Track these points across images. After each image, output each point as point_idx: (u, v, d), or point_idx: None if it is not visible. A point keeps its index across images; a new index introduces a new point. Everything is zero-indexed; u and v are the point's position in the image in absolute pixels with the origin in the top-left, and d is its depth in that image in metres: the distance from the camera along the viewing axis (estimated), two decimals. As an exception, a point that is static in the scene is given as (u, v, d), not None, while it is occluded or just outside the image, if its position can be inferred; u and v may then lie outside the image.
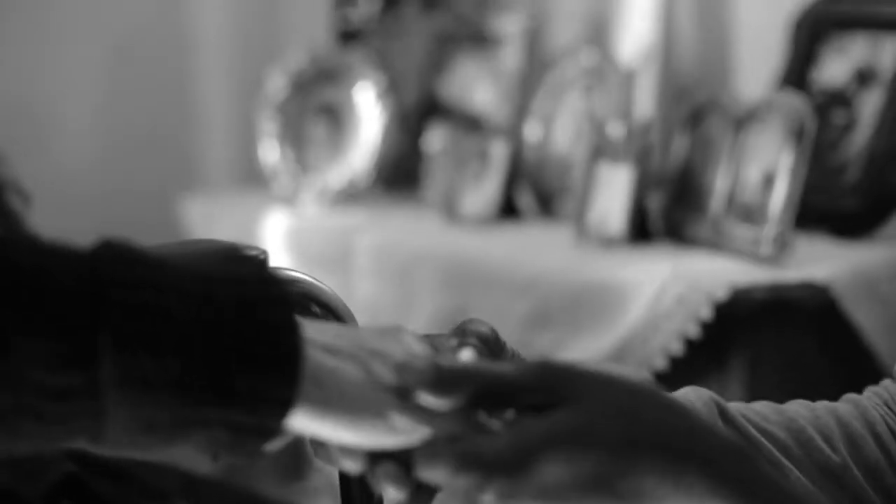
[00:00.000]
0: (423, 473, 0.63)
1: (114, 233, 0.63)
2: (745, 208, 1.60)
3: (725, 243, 1.61)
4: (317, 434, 0.64)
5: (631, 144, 1.69)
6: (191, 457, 0.62)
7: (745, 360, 1.51)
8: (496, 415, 0.66)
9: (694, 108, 1.72)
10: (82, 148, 2.37)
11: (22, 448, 0.61)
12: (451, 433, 0.64)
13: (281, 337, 0.62)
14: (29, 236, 0.61)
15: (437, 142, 2.07)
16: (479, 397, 0.65)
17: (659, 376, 1.54)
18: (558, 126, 1.97)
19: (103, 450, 0.62)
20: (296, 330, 0.62)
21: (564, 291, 1.61)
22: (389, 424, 0.64)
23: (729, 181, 1.63)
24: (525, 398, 0.65)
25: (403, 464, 0.65)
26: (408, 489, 0.65)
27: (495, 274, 1.68)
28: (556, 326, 1.62)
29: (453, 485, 0.63)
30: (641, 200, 1.69)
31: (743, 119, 1.63)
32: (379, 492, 0.67)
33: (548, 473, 0.62)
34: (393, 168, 2.11)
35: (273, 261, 0.66)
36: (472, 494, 0.63)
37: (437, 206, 2.01)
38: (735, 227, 1.61)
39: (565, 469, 0.63)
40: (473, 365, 0.67)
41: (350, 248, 1.85)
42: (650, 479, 0.64)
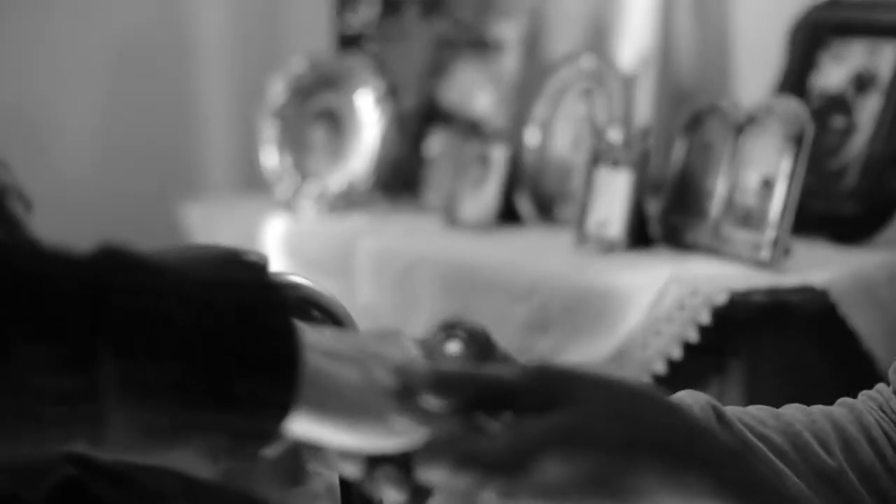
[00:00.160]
0: (422, 475, 0.63)
1: (114, 238, 0.63)
2: (744, 213, 1.61)
3: (725, 248, 1.61)
4: (317, 438, 0.65)
5: (630, 150, 1.69)
6: (191, 461, 0.63)
7: (745, 365, 1.52)
8: (495, 417, 0.66)
9: (693, 113, 1.72)
10: (83, 153, 2.37)
11: (22, 451, 0.62)
12: (450, 435, 0.64)
13: (280, 342, 0.62)
14: (30, 241, 0.61)
15: (436, 147, 2.07)
16: (477, 399, 0.65)
17: (658, 381, 1.54)
18: (558, 131, 1.97)
19: (103, 453, 0.62)
20: (294, 334, 0.63)
21: (564, 296, 1.62)
22: (389, 427, 0.65)
23: (728, 186, 1.64)
24: (524, 400, 0.65)
25: (402, 466, 0.65)
26: (408, 491, 0.65)
27: (495, 279, 1.68)
28: (555, 331, 1.63)
29: (453, 485, 0.63)
30: (641, 205, 1.70)
31: (742, 124, 1.63)
32: (378, 496, 0.67)
33: (547, 473, 0.63)
34: (393, 173, 2.11)
35: (273, 266, 0.66)
36: (472, 494, 0.63)
37: (436, 211, 2.01)
38: (734, 231, 1.61)
39: (564, 469, 0.63)
40: (472, 368, 0.67)
41: (350, 252, 1.85)
42: (649, 479, 0.64)
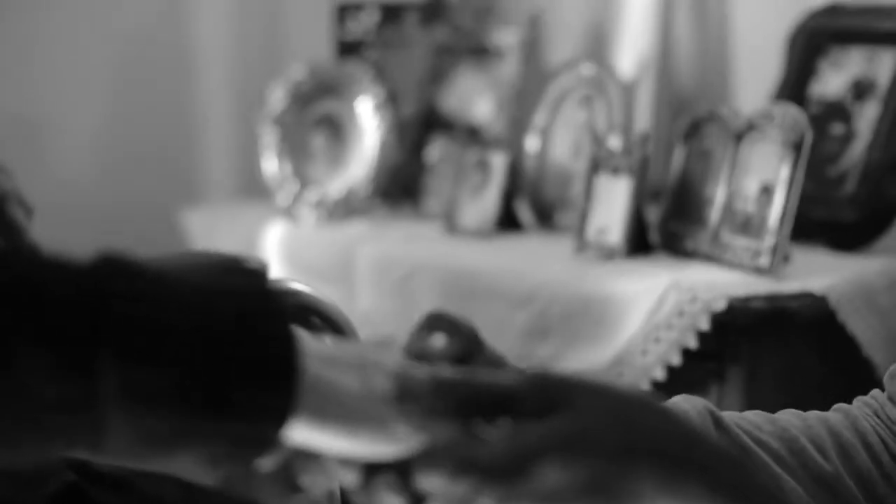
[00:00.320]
0: (421, 482, 0.64)
1: (114, 245, 0.64)
2: (743, 220, 1.61)
3: (724, 255, 1.62)
4: (316, 445, 0.65)
5: (630, 157, 1.69)
6: (190, 467, 0.63)
7: (744, 372, 1.52)
8: (493, 423, 0.66)
9: (693, 120, 1.72)
10: (83, 160, 2.37)
11: (23, 457, 0.62)
12: (448, 441, 0.65)
13: (279, 349, 0.63)
14: (30, 248, 0.61)
15: (436, 153, 2.07)
16: (476, 405, 0.65)
17: (658, 387, 1.54)
18: (557, 138, 1.97)
19: (103, 459, 0.62)
20: (293, 342, 0.63)
21: (564, 303, 1.62)
22: (388, 434, 0.65)
23: (727, 193, 1.64)
24: (522, 406, 0.65)
25: (401, 473, 0.65)
26: (407, 498, 0.65)
27: (495, 285, 1.69)
28: (555, 337, 1.63)
29: (451, 492, 0.63)
30: (641, 212, 1.70)
31: (741, 131, 1.63)
32: (378, 503, 0.67)
33: (545, 479, 0.63)
34: (393, 180, 2.12)
35: (273, 272, 0.67)
36: (470, 501, 0.63)
37: (436, 218, 2.01)
38: (734, 238, 1.61)
39: (562, 474, 0.63)
40: (471, 374, 0.67)
41: (350, 259, 1.85)
42: (647, 485, 0.64)
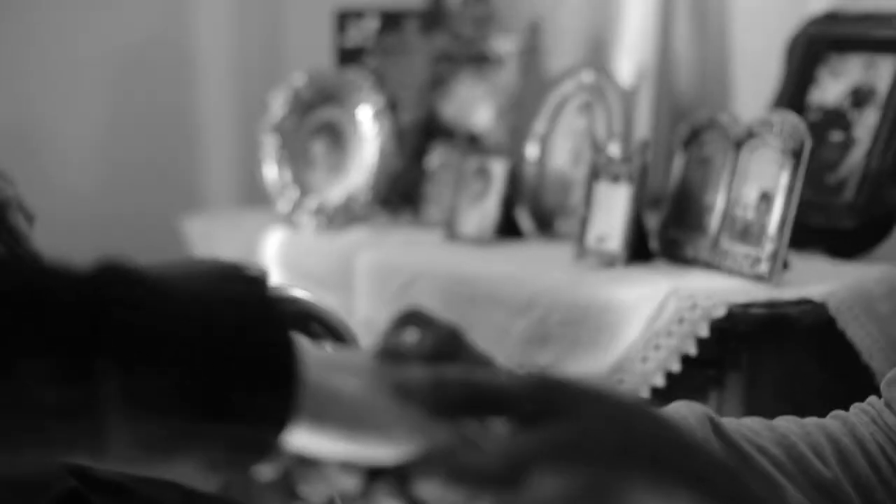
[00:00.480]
0: (418, 488, 0.64)
1: (115, 252, 0.64)
2: (743, 227, 1.61)
3: (724, 262, 1.62)
4: (316, 451, 0.65)
5: (630, 164, 1.70)
6: (190, 473, 0.63)
7: (744, 378, 1.52)
8: (489, 422, 0.66)
9: (692, 127, 1.72)
10: (84, 167, 2.38)
11: (24, 464, 0.62)
12: (444, 448, 0.65)
13: (278, 356, 0.63)
14: (32, 256, 0.62)
15: (436, 161, 2.07)
16: (472, 404, 0.66)
17: (658, 394, 1.55)
18: (557, 145, 1.98)
19: (104, 465, 0.62)
20: (292, 349, 0.63)
21: (564, 310, 1.62)
22: (388, 439, 0.65)
23: (727, 200, 1.64)
24: (518, 407, 0.65)
25: (400, 479, 0.65)
26: None
27: (495, 292, 1.69)
28: (555, 344, 1.63)
29: (448, 499, 0.63)
30: (640, 219, 1.70)
31: (741, 139, 1.64)
32: None
33: (540, 487, 0.63)
34: (393, 187, 2.12)
35: (273, 279, 0.67)
36: None
37: (436, 225, 2.02)
38: (733, 245, 1.61)
39: (558, 483, 0.63)
40: (469, 373, 0.68)
41: (350, 266, 1.85)
42: (642, 494, 0.64)
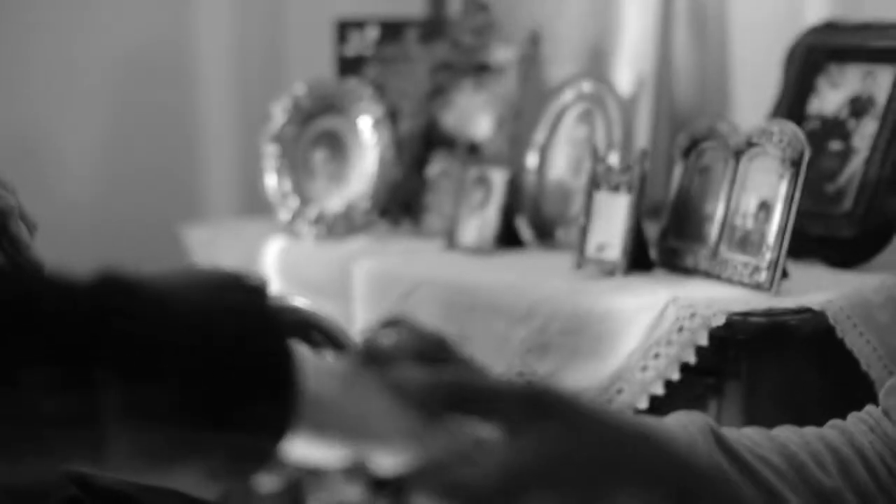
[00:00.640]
0: (414, 502, 0.64)
1: (117, 262, 0.64)
2: (742, 237, 1.61)
3: (723, 272, 1.62)
4: (316, 461, 0.65)
5: (629, 173, 1.70)
6: (191, 481, 0.63)
7: (743, 387, 1.52)
8: (480, 425, 0.67)
9: (692, 137, 1.73)
10: (85, 176, 2.38)
11: (24, 472, 0.62)
12: (440, 462, 0.65)
13: (277, 365, 0.63)
14: (33, 265, 0.62)
15: (436, 170, 2.08)
16: (464, 403, 0.66)
17: (657, 402, 1.55)
18: (557, 155, 1.98)
19: (104, 473, 0.63)
20: (291, 358, 0.64)
21: (564, 319, 1.62)
22: (387, 449, 0.65)
23: (726, 210, 1.65)
24: (509, 411, 0.66)
25: (399, 490, 0.66)
26: None
27: (495, 302, 1.69)
28: (555, 353, 1.63)
29: None
30: (640, 229, 1.70)
31: (740, 148, 1.64)
32: None
33: (533, 502, 0.64)
34: (393, 196, 2.12)
35: (273, 288, 0.67)
36: None
37: (437, 235, 2.02)
38: (732, 255, 1.62)
39: (551, 500, 0.64)
40: (462, 373, 0.68)
41: (350, 275, 1.86)
42: None
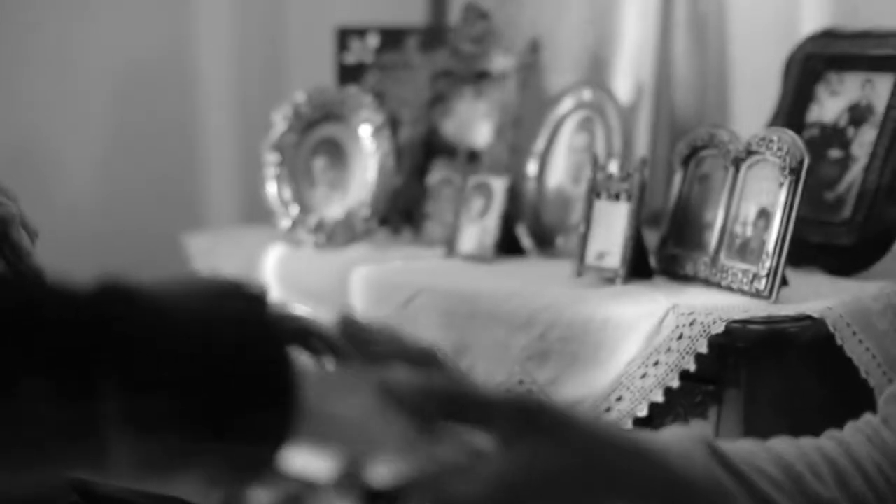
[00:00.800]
0: None
1: (119, 270, 0.64)
2: (741, 244, 1.62)
3: (723, 279, 1.62)
4: (315, 471, 0.66)
5: (629, 181, 1.70)
6: (191, 489, 0.64)
7: (743, 394, 1.52)
8: (473, 434, 0.67)
9: (691, 144, 1.73)
10: (88, 186, 2.38)
11: (25, 480, 0.63)
12: (433, 474, 0.65)
13: (276, 374, 0.64)
14: (34, 273, 0.62)
15: (436, 178, 2.08)
16: (457, 410, 0.66)
17: (657, 410, 1.55)
18: (557, 163, 1.99)
19: (105, 480, 0.63)
20: (291, 367, 0.64)
21: (564, 327, 1.63)
22: (385, 459, 0.66)
23: (726, 217, 1.65)
24: (501, 420, 0.66)
25: (392, 502, 0.66)
26: None
27: (495, 309, 1.69)
28: (555, 361, 1.63)
29: None
30: (640, 237, 1.71)
31: (740, 156, 1.64)
32: None
33: None
34: (393, 204, 2.13)
35: (273, 296, 0.67)
36: None
37: (437, 242, 2.02)
38: (732, 262, 1.62)
39: None
40: (459, 383, 0.68)
41: (350, 283, 1.86)
42: None
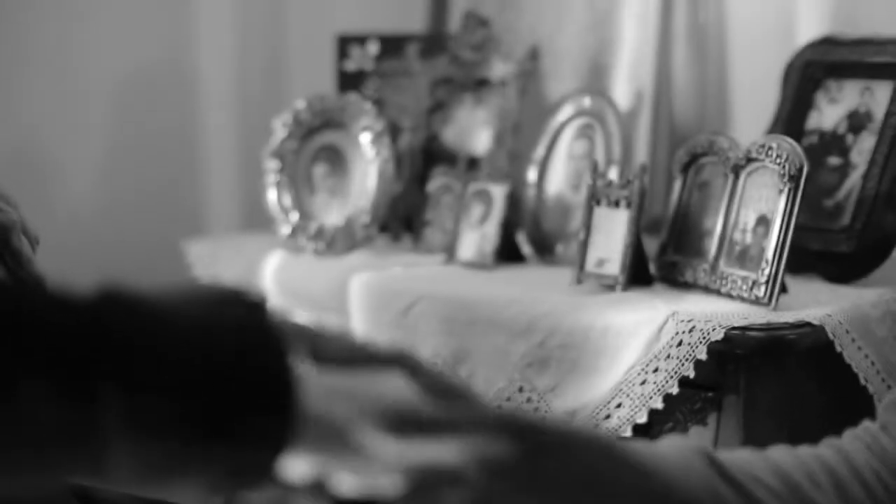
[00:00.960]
0: None
1: (117, 277, 0.65)
2: (741, 251, 1.62)
3: (722, 286, 1.63)
4: (314, 479, 0.66)
5: (629, 188, 1.71)
6: (190, 493, 0.64)
7: (742, 400, 1.52)
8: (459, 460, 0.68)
9: (691, 152, 1.73)
10: (88, 194, 2.39)
11: (25, 485, 0.63)
12: (424, 481, 0.66)
13: (277, 381, 0.64)
14: (34, 279, 0.63)
15: (437, 185, 2.08)
16: (448, 433, 0.67)
17: (657, 416, 1.55)
18: (557, 170, 1.99)
19: (105, 486, 0.63)
20: (291, 374, 0.64)
21: (564, 334, 1.63)
22: (381, 465, 0.66)
23: (725, 225, 1.65)
24: (490, 441, 0.67)
25: None
26: None
27: (495, 316, 1.69)
28: (555, 368, 1.64)
29: None
30: (640, 244, 1.71)
31: (739, 163, 1.65)
32: None
33: None
34: (393, 211, 2.13)
35: (272, 303, 0.68)
36: None
37: (437, 249, 2.02)
38: (731, 269, 1.62)
39: None
40: (450, 406, 0.69)
41: (349, 290, 1.86)
42: None
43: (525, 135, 2.07)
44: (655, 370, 1.54)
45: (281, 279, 2.00)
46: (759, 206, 1.61)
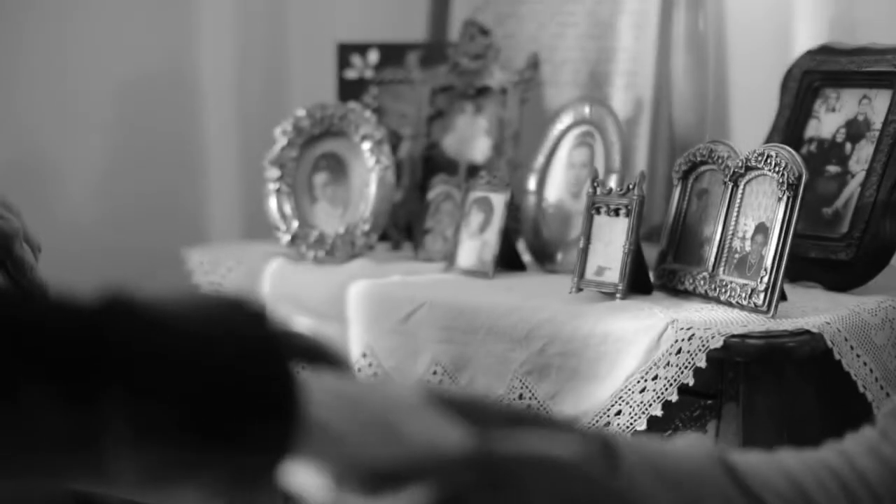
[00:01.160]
0: None
1: (118, 284, 0.65)
2: (740, 259, 1.62)
3: (721, 294, 1.63)
4: (315, 489, 0.66)
5: (629, 197, 1.71)
6: (192, 499, 0.64)
7: (741, 408, 1.53)
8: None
9: (690, 160, 1.74)
10: (89, 202, 2.39)
11: (27, 489, 0.63)
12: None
13: (278, 388, 0.64)
14: (36, 286, 0.63)
15: (437, 193, 2.09)
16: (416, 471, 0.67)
17: (656, 424, 1.56)
18: (556, 178, 1.99)
19: (107, 491, 0.63)
20: (292, 381, 0.64)
21: (563, 341, 1.63)
22: (378, 473, 0.66)
23: (724, 233, 1.66)
24: (469, 480, 0.67)
25: None
26: None
27: (495, 324, 1.70)
28: (554, 376, 1.64)
29: None
30: (639, 252, 1.71)
31: (739, 171, 1.65)
32: None
33: None
34: (393, 219, 2.13)
35: (273, 312, 0.68)
36: None
37: (436, 257, 2.03)
38: (730, 277, 1.63)
39: None
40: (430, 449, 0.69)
41: (349, 298, 1.86)
42: None
43: (525, 143, 2.08)
44: (655, 378, 1.55)
45: (281, 287, 2.00)
46: (758, 214, 1.62)
